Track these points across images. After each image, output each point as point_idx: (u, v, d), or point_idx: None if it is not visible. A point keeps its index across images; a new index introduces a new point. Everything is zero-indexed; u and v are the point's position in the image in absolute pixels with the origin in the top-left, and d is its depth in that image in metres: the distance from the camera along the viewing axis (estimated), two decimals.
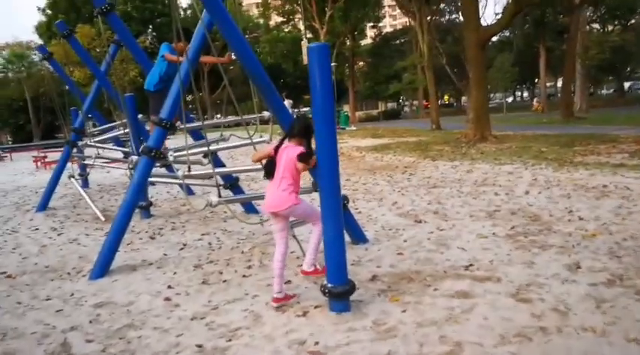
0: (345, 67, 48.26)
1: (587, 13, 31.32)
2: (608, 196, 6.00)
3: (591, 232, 4.67)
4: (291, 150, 3.47)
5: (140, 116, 7.48)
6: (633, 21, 41.51)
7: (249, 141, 4.60)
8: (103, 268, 4.58)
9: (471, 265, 4.05)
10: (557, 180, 7.16)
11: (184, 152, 4.60)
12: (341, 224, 3.29)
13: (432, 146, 13.36)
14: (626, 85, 54.31)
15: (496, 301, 3.29)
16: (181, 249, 5.32)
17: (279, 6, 44.11)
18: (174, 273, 4.49)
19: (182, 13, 46.61)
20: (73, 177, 8.35)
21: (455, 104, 60.98)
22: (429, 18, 22.55)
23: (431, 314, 3.17)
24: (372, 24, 50.65)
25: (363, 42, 51.98)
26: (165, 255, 5.13)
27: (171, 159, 4.69)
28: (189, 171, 4.24)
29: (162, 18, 44.66)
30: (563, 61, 43.29)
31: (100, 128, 9.57)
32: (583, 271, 3.72)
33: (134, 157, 5.55)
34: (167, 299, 3.85)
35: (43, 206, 8.34)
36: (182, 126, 4.61)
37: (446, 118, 25.42)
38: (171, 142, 6.28)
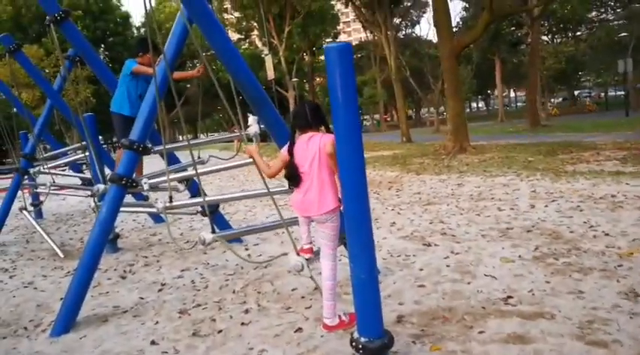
0: (304, 83, 48.01)
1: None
2: (622, 207, 5.63)
3: (627, 251, 4.22)
4: (320, 140, 3.02)
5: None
6: (579, 32, 43.31)
7: (233, 161, 3.94)
8: (67, 321, 3.75)
9: (509, 297, 3.49)
10: (560, 192, 6.79)
11: (161, 178, 3.88)
12: (374, 261, 2.67)
13: (410, 159, 12.95)
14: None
15: (563, 346, 2.72)
16: (160, 290, 4.55)
17: (235, 23, 43.58)
18: (156, 323, 3.72)
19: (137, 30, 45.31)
20: (25, 209, 7.39)
21: (413, 116, 61.76)
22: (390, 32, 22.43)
23: None
24: (330, 39, 50.84)
25: (322, 57, 52.02)
26: (141, 298, 4.35)
27: (146, 187, 3.95)
28: (170, 201, 3.52)
29: (115, 37, 43.29)
30: (517, 72, 44.73)
31: (54, 152, 8.59)
32: None
33: (100, 186, 4.76)
34: None
35: None
36: (159, 148, 3.89)
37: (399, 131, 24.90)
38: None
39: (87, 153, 7.18)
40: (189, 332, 3.47)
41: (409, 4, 30.64)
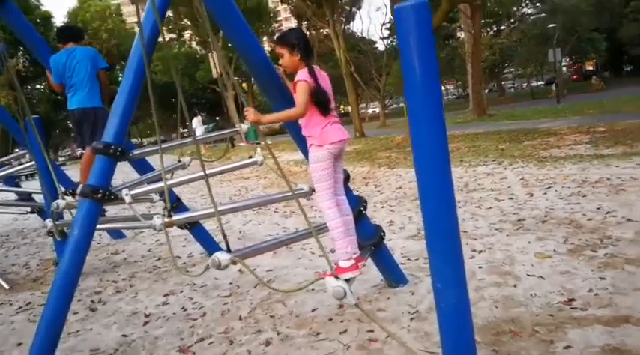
0: (241, 83, 46.81)
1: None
2: (624, 190, 5.44)
3: None
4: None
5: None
6: (502, 27, 45.24)
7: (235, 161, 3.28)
8: None
9: (571, 299, 3.08)
10: (550, 178, 6.58)
11: (153, 186, 3.14)
12: (465, 280, 2.14)
13: (375, 153, 12.55)
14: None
15: None
16: (145, 322, 3.78)
17: (166, 22, 41.72)
18: None
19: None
20: None
21: (350, 113, 62.21)
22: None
23: None
24: (265, 38, 49.90)
25: None
26: (124, 336, 3.57)
27: (128, 199, 3.19)
28: (169, 215, 2.81)
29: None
30: (449, 65, 46.00)
31: None
32: None
33: (60, 202, 3.91)
34: None
35: None
36: (144, 150, 3.15)
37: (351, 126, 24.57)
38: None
39: (30, 163, 6.24)
40: None
41: None
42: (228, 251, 2.66)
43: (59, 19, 49.81)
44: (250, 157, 3.71)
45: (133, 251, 6.19)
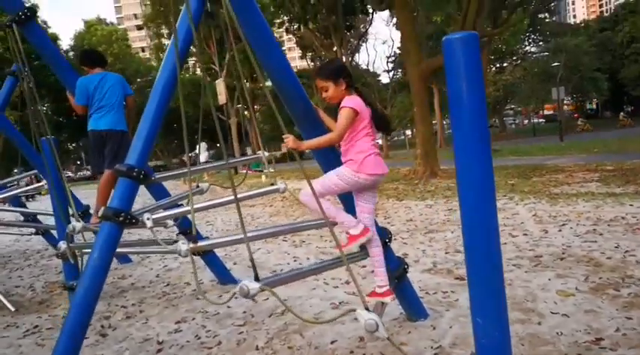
0: (244, 109, 47.37)
1: None
2: None
3: None
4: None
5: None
6: (505, 64, 46.10)
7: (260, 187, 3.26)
8: None
9: (599, 339, 3.01)
10: (563, 215, 6.55)
11: (175, 210, 3.11)
12: (507, 317, 2.09)
13: (382, 185, 12.55)
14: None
15: None
16: (159, 350, 3.68)
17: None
18: None
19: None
20: None
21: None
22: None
23: None
24: None
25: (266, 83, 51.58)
26: None
27: (149, 224, 3.16)
28: (195, 241, 2.77)
29: (41, 60, 40.64)
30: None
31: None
32: None
33: (76, 224, 3.87)
34: None
35: None
36: (169, 174, 3.13)
37: None
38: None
39: (41, 184, 6.21)
40: None
41: (364, 29, 31.11)
42: (257, 279, 2.60)
43: (65, 42, 50.56)
44: (272, 184, 3.70)
45: (140, 276, 6.10)
